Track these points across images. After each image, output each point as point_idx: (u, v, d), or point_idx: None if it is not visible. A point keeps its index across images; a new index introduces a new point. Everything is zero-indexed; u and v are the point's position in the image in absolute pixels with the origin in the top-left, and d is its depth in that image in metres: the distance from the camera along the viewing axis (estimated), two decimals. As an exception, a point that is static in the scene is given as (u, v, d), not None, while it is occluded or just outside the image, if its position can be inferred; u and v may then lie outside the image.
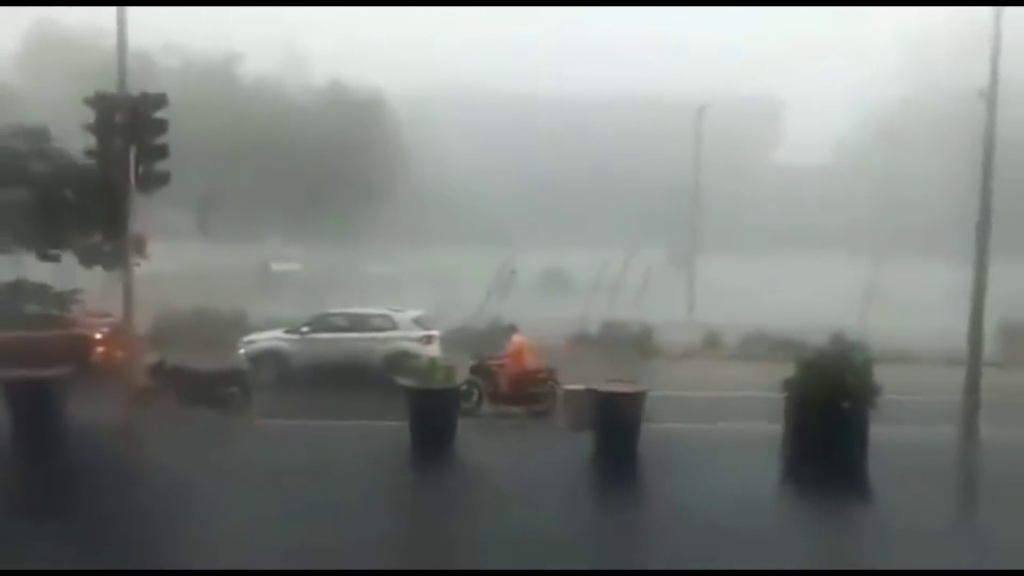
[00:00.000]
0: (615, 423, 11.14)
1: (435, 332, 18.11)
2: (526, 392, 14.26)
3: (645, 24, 46.27)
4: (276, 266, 38.81)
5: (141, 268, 14.08)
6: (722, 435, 12.49)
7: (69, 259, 16.30)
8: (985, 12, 12.77)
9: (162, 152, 13.21)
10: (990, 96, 12.70)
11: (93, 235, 15.44)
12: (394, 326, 17.86)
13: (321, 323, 18.00)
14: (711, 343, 23.60)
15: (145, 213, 14.18)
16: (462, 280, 25.34)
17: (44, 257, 15.93)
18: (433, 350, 17.29)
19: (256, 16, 43.88)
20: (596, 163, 42.38)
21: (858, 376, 11.12)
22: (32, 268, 17.67)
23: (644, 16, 46.81)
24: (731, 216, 38.02)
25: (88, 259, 16.03)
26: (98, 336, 17.36)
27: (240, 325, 21.12)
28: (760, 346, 22.31)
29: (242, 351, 17.53)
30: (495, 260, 28.63)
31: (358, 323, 18.02)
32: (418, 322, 18.14)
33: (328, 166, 40.63)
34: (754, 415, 12.91)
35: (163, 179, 13.34)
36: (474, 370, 14.31)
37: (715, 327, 24.04)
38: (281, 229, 42.05)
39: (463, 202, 41.49)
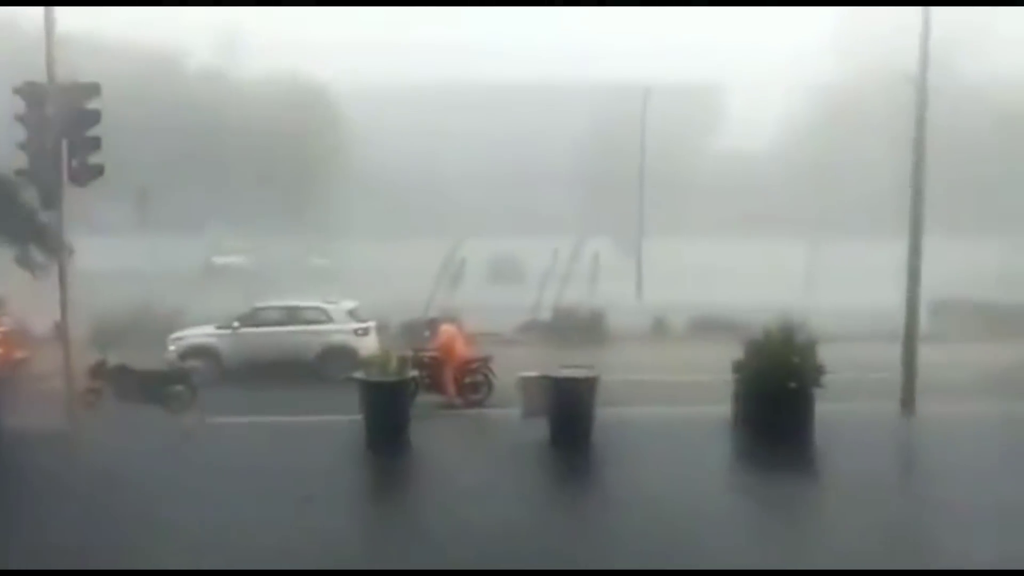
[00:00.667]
0: (569, 408, 11.24)
1: (370, 324, 17.87)
2: (459, 382, 14.27)
3: (588, 12, 46.44)
4: (218, 259, 37.94)
5: (78, 265, 13.57)
6: (674, 418, 12.71)
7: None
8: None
9: (95, 144, 12.72)
10: (920, 76, 13.03)
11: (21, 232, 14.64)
12: (328, 319, 17.57)
13: (253, 317, 17.56)
14: (660, 326, 23.97)
15: (79, 206, 13.66)
16: (413, 270, 25.14)
17: None
18: (369, 342, 17.14)
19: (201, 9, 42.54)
20: (544, 151, 42.50)
21: (803, 356, 11.46)
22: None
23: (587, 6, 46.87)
24: (676, 200, 38.58)
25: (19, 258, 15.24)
26: None
27: (180, 321, 20.53)
28: (708, 328, 22.75)
29: (172, 348, 17.09)
30: (445, 250, 28.51)
31: (291, 316, 17.66)
32: (353, 314, 17.88)
33: (273, 158, 39.87)
34: (704, 397, 13.17)
35: (97, 171, 12.83)
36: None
37: (663, 310, 24.42)
38: (223, 221, 41.08)
39: (411, 193, 41.18)
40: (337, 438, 11.52)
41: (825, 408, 11.30)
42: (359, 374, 11.98)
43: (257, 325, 17.35)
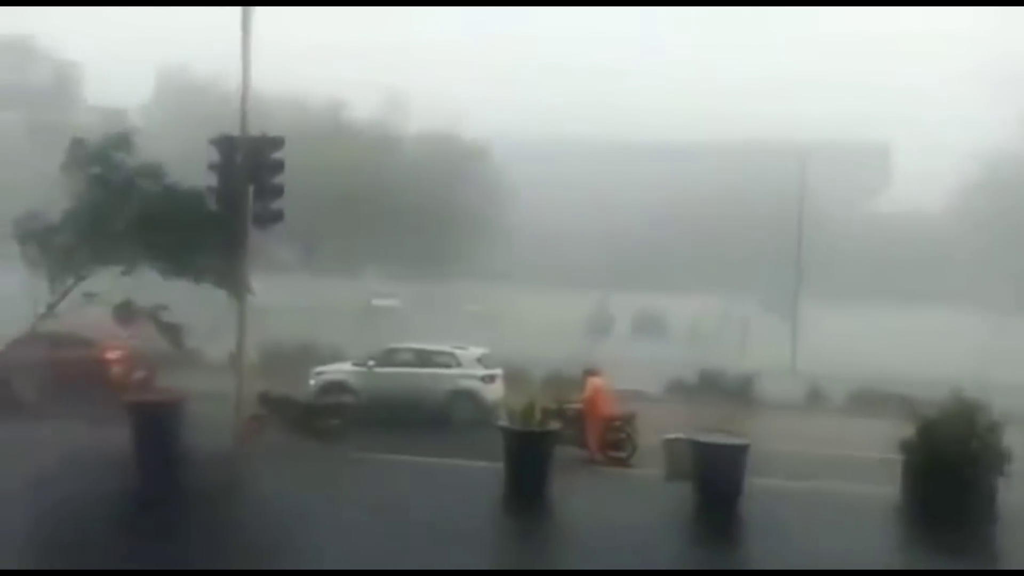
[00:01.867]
0: (716, 476, 10.72)
1: (498, 371, 18.18)
2: (602, 438, 13.96)
3: (747, 67, 45.82)
4: (377, 301, 39.91)
5: (252, 300, 14.58)
6: (831, 495, 11.79)
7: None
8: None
9: (278, 191, 13.86)
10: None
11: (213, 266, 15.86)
12: (457, 363, 17.99)
13: (387, 357, 18.33)
14: (815, 396, 22.57)
15: (259, 247, 14.82)
16: (558, 320, 25.27)
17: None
18: (496, 389, 17.52)
19: (362, 61, 46.00)
20: (697, 208, 41.81)
21: (984, 440, 10.36)
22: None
23: (746, 59, 46.34)
24: (835, 264, 36.61)
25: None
26: (113, 357, 17.65)
27: (339, 357, 21.60)
28: (869, 401, 21.22)
29: (312, 382, 17.98)
30: (590, 303, 28.57)
31: (422, 359, 18.28)
32: (481, 361, 18.25)
33: (430, 208, 41.80)
34: (865, 476, 12.18)
35: (277, 216, 13.96)
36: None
37: (819, 379, 23.02)
38: (382, 266, 43.34)
39: (561, 245, 41.70)
40: (478, 484, 11.59)
41: (1010, 501, 10.10)
42: (502, 422, 12.06)
43: (390, 365, 18.05)
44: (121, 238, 14.48)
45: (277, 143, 13.96)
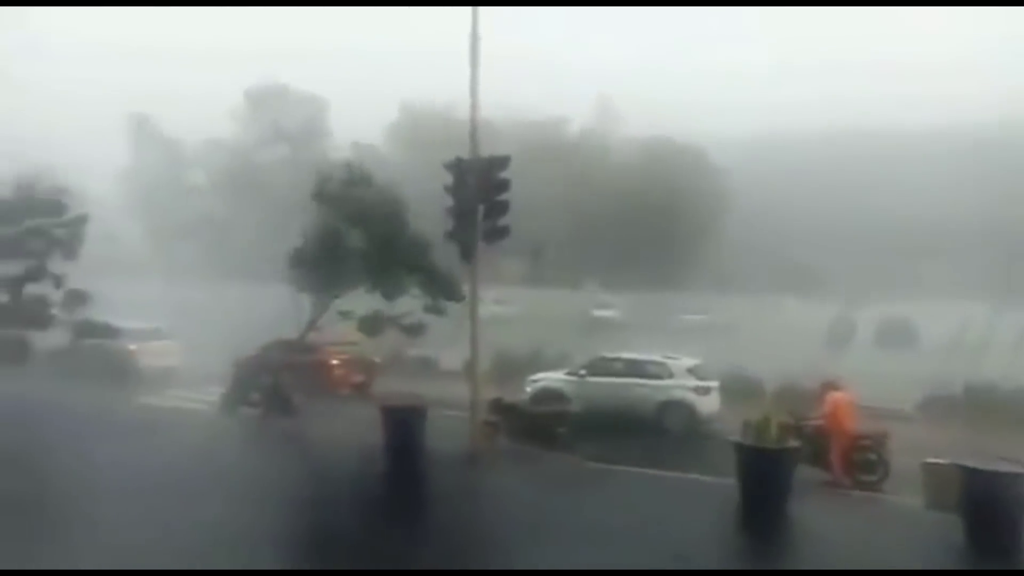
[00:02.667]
0: (995, 509, 9.32)
1: (713, 383, 17.57)
2: (848, 459, 12.76)
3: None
4: (596, 312, 40.17)
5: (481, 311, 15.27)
6: None
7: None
8: None
9: (504, 208, 14.40)
10: None
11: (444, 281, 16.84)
12: (669, 374, 17.57)
13: (598, 366, 18.32)
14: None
15: (488, 262, 15.55)
16: (790, 329, 23.70)
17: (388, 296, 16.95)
18: (711, 402, 17.02)
19: (575, 74, 46.76)
20: (952, 202, 37.28)
21: None
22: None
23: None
24: None
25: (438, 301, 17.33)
26: (335, 362, 20.31)
27: (559, 367, 21.88)
28: None
29: (528, 389, 18.31)
30: (825, 310, 26.42)
31: (633, 368, 18.05)
32: (694, 371, 17.69)
33: (648, 216, 41.39)
34: None
35: (504, 232, 14.50)
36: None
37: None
38: (601, 276, 43.57)
39: (786, 249, 39.30)
40: (710, 500, 11.20)
41: None
42: (735, 437, 11.50)
43: (602, 374, 18.06)
44: (368, 261, 16.16)
45: (503, 162, 14.51)
